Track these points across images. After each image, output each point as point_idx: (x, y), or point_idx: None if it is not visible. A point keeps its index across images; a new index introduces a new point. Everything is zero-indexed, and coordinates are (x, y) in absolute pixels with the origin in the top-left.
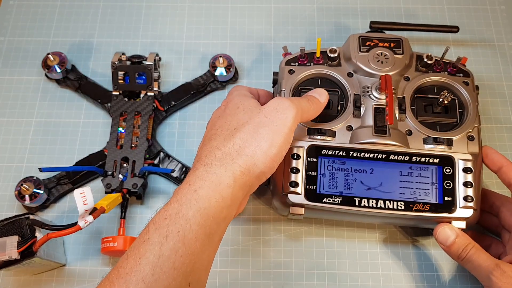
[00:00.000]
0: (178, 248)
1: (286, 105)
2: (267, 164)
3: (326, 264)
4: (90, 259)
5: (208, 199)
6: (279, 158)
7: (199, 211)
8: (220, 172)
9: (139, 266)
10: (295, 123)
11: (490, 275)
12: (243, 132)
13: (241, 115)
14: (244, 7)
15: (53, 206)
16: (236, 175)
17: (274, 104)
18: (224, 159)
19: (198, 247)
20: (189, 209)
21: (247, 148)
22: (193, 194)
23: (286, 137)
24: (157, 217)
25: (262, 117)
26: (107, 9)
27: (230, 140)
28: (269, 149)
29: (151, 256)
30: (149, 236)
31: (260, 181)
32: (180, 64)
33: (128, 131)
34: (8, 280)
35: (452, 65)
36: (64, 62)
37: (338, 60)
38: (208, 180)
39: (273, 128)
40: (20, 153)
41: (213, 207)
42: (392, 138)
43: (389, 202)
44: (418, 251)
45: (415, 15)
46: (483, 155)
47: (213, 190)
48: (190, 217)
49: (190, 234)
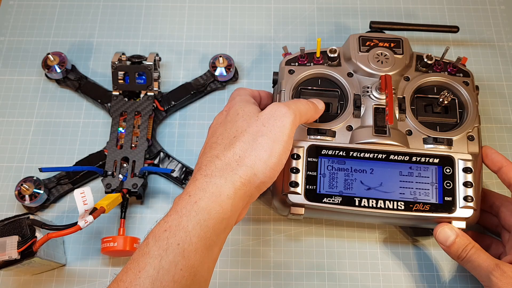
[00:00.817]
0: (178, 261)
1: (283, 111)
2: (267, 174)
3: (326, 264)
4: (90, 259)
5: (208, 211)
6: (279, 167)
7: (199, 223)
8: (220, 183)
9: (138, 280)
10: (293, 128)
11: (490, 275)
12: (242, 141)
13: (240, 123)
14: (244, 7)
15: (53, 206)
16: (237, 186)
17: (271, 111)
18: (224, 170)
19: (198, 259)
20: (189, 221)
21: (247, 158)
22: (193, 205)
23: (286, 145)
24: (156, 229)
25: (260, 126)
26: (107, 9)
27: (230, 150)
28: (269, 159)
29: (151, 269)
30: (149, 248)
31: (260, 191)
32: (180, 64)
33: (128, 131)
34: (8, 280)
35: (452, 65)
36: (64, 62)
37: (338, 60)
38: (208, 191)
39: (271, 136)
40: (20, 153)
41: (213, 218)
42: (392, 138)
43: (389, 202)
44: (418, 251)
45: (415, 15)
46: (483, 155)
47: (214, 201)
48: (190, 229)
49: (190, 246)
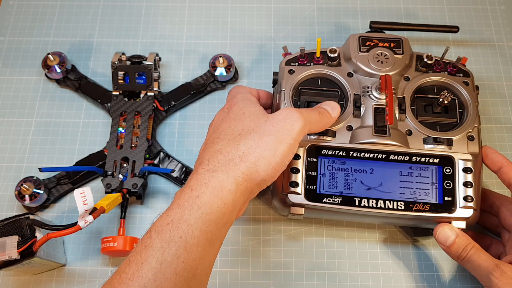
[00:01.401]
0: (180, 254)
1: (295, 116)
2: (269, 172)
3: (326, 264)
4: (90, 259)
5: (210, 205)
6: (281, 167)
7: (201, 217)
8: (222, 178)
9: (141, 272)
10: (301, 134)
11: (490, 275)
12: (248, 139)
13: (247, 122)
14: (244, 7)
15: (53, 206)
16: (238, 181)
17: (282, 115)
18: (226, 165)
19: (200, 252)
20: (191, 215)
21: (251, 155)
22: (195, 199)
23: (290, 147)
24: (159, 222)
25: (269, 126)
26: (107, 9)
27: (234, 146)
28: (272, 158)
29: (154, 262)
30: (152, 241)
31: (260, 188)
32: (180, 64)
33: (128, 131)
34: (8, 280)
35: (452, 65)
36: (64, 62)
37: (338, 60)
38: (210, 185)
39: (278, 137)
40: (20, 153)
41: (214, 212)
42: (392, 138)
43: (389, 202)
44: (418, 251)
45: (415, 15)
46: (483, 155)
47: (215, 196)
48: (192, 222)
49: (192, 240)
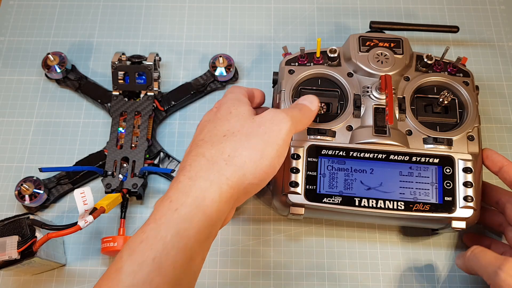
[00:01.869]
0: (153, 278)
1: (281, 117)
2: (257, 175)
3: (326, 264)
4: (90, 259)
5: (190, 219)
6: (271, 171)
7: (179, 233)
8: (205, 186)
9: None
10: (289, 135)
11: (498, 270)
12: (233, 140)
13: (233, 122)
14: (244, 7)
15: (53, 206)
16: (223, 189)
17: (268, 116)
18: (210, 170)
19: (177, 274)
20: (168, 231)
21: (237, 158)
22: (173, 213)
23: (280, 149)
24: (132, 240)
25: (255, 127)
26: (107, 9)
27: (219, 148)
28: (260, 160)
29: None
30: (122, 263)
31: (248, 194)
32: (180, 64)
33: (128, 131)
34: (8, 280)
35: (452, 65)
36: (64, 62)
37: (338, 60)
38: (191, 195)
39: (265, 138)
40: (20, 153)
41: (195, 227)
42: (392, 138)
43: (389, 202)
44: (417, 251)
45: (415, 15)
46: (483, 157)
47: (196, 207)
48: (168, 240)
49: (167, 261)
